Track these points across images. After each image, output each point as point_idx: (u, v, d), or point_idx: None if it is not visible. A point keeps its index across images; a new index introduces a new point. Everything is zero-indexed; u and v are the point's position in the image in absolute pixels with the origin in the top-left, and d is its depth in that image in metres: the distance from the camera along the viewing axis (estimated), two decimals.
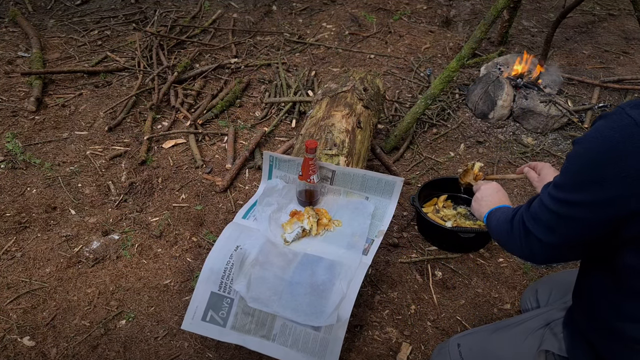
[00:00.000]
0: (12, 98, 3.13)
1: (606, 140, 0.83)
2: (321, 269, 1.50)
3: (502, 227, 1.15)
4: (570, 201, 0.91)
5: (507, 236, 1.12)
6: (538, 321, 1.25)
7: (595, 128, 0.87)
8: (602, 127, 0.85)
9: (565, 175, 0.93)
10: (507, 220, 1.13)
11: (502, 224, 1.16)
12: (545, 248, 1.00)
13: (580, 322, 1.10)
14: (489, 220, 1.28)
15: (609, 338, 1.01)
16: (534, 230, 1.01)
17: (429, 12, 4.37)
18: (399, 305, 1.95)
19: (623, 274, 0.94)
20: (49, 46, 3.73)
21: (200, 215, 2.34)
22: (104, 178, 2.53)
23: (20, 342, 1.79)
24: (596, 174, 0.85)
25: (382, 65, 3.61)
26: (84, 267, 2.08)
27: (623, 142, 0.81)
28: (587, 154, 0.87)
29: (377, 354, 1.77)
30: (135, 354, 1.76)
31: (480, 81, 3.08)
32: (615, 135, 0.82)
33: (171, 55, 3.60)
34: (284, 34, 3.96)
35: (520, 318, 1.32)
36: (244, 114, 3.08)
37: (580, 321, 1.10)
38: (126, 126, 2.92)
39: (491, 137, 2.92)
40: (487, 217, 1.30)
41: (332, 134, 1.95)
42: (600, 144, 0.84)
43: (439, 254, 2.18)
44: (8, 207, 2.35)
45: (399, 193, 1.75)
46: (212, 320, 1.50)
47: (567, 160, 0.93)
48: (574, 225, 0.93)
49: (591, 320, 1.05)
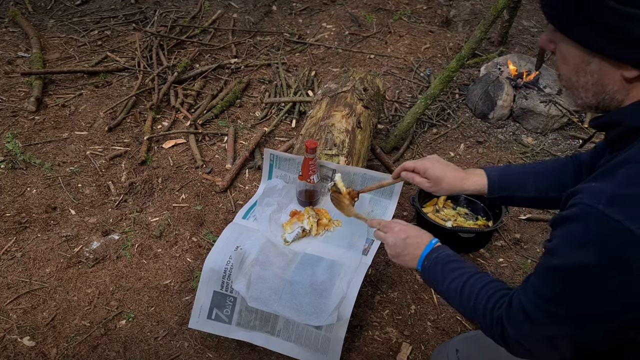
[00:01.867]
0: (12, 98, 3.13)
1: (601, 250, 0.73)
2: (321, 269, 1.50)
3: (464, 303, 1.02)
4: (563, 316, 0.81)
5: (472, 316, 1.00)
6: None
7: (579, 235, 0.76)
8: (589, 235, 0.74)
9: (552, 286, 0.82)
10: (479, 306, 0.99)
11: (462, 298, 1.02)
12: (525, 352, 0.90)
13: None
14: (425, 275, 1.14)
15: None
16: (519, 338, 0.89)
17: (429, 12, 4.37)
18: (399, 305, 1.95)
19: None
20: (49, 46, 3.73)
21: (200, 215, 2.34)
22: (104, 178, 2.54)
23: (20, 342, 1.79)
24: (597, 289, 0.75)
25: (382, 65, 3.61)
26: (84, 267, 2.08)
27: (622, 250, 0.71)
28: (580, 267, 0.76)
29: (377, 354, 1.77)
30: (135, 354, 1.76)
31: (480, 81, 3.08)
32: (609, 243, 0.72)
33: (171, 55, 3.60)
34: (284, 34, 3.96)
35: None
36: (244, 114, 3.08)
37: None
38: (126, 126, 2.92)
39: (491, 137, 2.92)
40: (422, 270, 1.15)
41: (332, 134, 1.95)
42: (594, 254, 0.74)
43: None
44: (8, 207, 2.35)
45: (399, 193, 1.75)
46: (217, 318, 1.52)
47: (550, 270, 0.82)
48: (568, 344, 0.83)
49: None
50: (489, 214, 2.23)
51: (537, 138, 2.90)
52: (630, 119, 0.81)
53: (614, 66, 0.78)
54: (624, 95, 0.81)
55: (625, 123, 0.81)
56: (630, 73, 0.77)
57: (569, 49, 0.82)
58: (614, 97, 0.83)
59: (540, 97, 2.93)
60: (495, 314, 0.94)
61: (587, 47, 0.79)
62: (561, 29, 0.82)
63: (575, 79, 0.84)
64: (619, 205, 0.72)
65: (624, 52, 0.76)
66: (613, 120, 0.84)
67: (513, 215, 2.39)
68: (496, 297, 0.97)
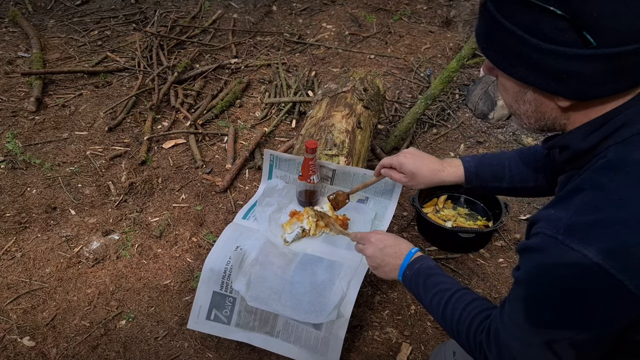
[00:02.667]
0: (12, 98, 3.13)
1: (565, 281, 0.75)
2: (321, 269, 1.50)
3: (447, 322, 1.03)
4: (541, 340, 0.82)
5: (455, 337, 1.01)
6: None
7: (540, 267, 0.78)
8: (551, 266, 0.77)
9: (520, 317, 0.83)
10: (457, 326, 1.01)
11: (444, 317, 1.04)
12: None
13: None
14: (407, 285, 1.14)
15: None
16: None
17: (429, 12, 4.37)
18: (399, 306, 1.95)
19: None
20: (49, 46, 3.73)
21: (200, 215, 2.34)
22: (104, 178, 2.54)
23: (20, 342, 1.79)
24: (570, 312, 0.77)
25: (382, 65, 3.62)
26: (84, 267, 2.08)
27: (585, 281, 0.73)
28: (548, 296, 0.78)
29: (377, 354, 1.77)
30: (135, 354, 1.76)
31: (480, 81, 3.08)
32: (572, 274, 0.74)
33: (171, 55, 3.60)
34: (284, 34, 3.96)
35: None
36: (244, 114, 3.08)
37: None
38: (126, 126, 2.92)
39: (491, 137, 2.92)
40: (403, 281, 1.15)
41: (332, 134, 1.95)
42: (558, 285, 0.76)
43: (439, 254, 2.18)
44: (8, 207, 2.35)
45: (399, 193, 1.75)
46: (216, 318, 1.52)
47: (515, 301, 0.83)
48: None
49: None
50: (489, 214, 2.23)
51: (537, 138, 2.90)
52: (577, 144, 0.84)
53: (547, 97, 0.82)
54: (565, 120, 0.85)
55: (572, 147, 0.85)
56: (563, 103, 0.80)
57: (506, 81, 0.86)
58: (556, 122, 0.86)
59: None
60: (478, 338, 0.95)
61: (521, 81, 0.82)
62: (497, 65, 0.84)
63: (516, 106, 0.88)
64: (576, 235, 0.74)
65: (554, 86, 0.78)
66: (562, 145, 0.88)
67: (513, 215, 2.39)
68: (479, 319, 0.98)
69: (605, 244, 0.72)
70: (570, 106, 0.81)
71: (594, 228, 0.74)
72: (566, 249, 0.74)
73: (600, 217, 0.74)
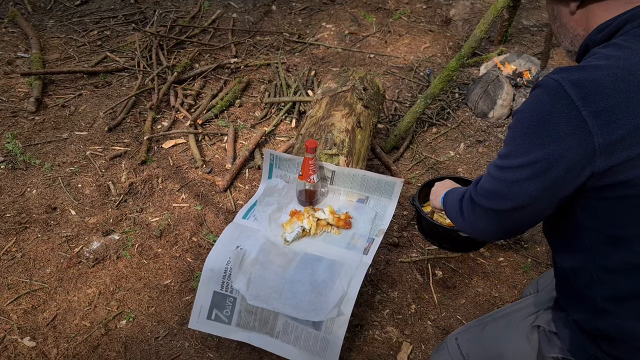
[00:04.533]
0: (11, 98, 3.13)
1: (539, 103, 0.89)
2: (321, 268, 1.50)
3: (454, 207, 1.16)
4: (516, 166, 0.93)
5: (458, 216, 1.13)
6: (532, 307, 1.25)
7: (529, 97, 0.93)
8: (534, 94, 0.91)
9: (508, 144, 0.96)
10: (457, 199, 1.15)
11: (453, 204, 1.17)
12: (495, 217, 1.02)
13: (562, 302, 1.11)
14: (444, 205, 1.29)
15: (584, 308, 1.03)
16: (483, 202, 1.03)
17: (429, 11, 4.37)
18: (400, 305, 1.95)
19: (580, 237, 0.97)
20: (48, 46, 3.73)
21: (200, 215, 2.34)
22: (104, 178, 2.54)
23: (20, 342, 1.79)
24: (537, 135, 0.89)
25: (382, 64, 3.61)
26: (84, 267, 2.08)
27: (551, 103, 0.87)
28: (526, 119, 0.91)
29: (378, 354, 1.77)
30: (135, 354, 1.76)
31: (480, 80, 3.08)
32: (545, 97, 0.88)
33: (171, 55, 3.60)
34: (283, 34, 3.96)
35: (515, 306, 1.32)
36: (244, 114, 3.08)
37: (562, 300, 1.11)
38: (126, 126, 2.92)
39: (491, 136, 2.92)
40: (443, 201, 1.30)
41: (332, 134, 1.94)
42: (535, 107, 0.90)
43: (439, 253, 2.18)
44: (8, 207, 2.35)
45: (399, 193, 1.74)
46: (217, 318, 1.52)
47: (508, 130, 0.97)
48: (524, 187, 0.94)
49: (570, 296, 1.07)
50: None
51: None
52: (592, 37, 0.97)
53: (563, 5, 0.99)
54: (583, 30, 0.99)
55: (590, 43, 0.97)
56: (572, 7, 0.97)
57: (547, 4, 1.06)
58: (576, 34, 1.01)
59: None
60: (465, 196, 1.10)
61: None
62: None
63: (552, 27, 1.07)
64: (562, 71, 0.89)
65: None
66: (583, 47, 1.00)
67: None
68: (464, 190, 1.15)
69: (576, 76, 0.86)
70: (578, 12, 0.96)
71: (576, 69, 0.88)
72: (548, 79, 0.89)
73: (585, 64, 0.89)
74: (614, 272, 0.94)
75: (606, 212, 0.91)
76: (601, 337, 1.00)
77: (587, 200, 0.92)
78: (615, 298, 0.96)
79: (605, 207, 0.91)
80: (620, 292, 0.95)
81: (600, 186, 0.88)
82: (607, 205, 0.90)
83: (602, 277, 0.96)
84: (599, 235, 0.94)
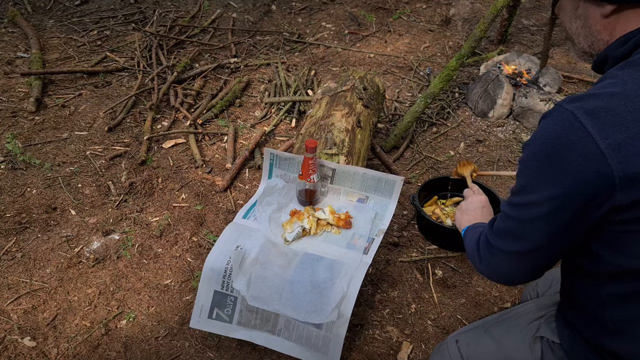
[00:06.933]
0: (11, 99, 3.13)
1: (553, 134, 0.84)
2: (321, 268, 1.50)
3: (471, 250, 1.10)
4: (530, 202, 0.89)
5: (476, 259, 1.07)
6: (534, 312, 1.25)
7: (539, 128, 0.88)
8: (546, 125, 0.86)
9: (520, 179, 0.92)
10: (474, 242, 1.08)
11: (471, 246, 1.11)
12: (514, 260, 0.96)
13: (568, 315, 1.10)
14: (464, 238, 1.23)
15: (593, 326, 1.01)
16: (499, 244, 0.97)
17: (429, 11, 4.37)
18: (400, 304, 1.95)
19: (591, 265, 0.94)
20: (48, 46, 3.73)
21: (200, 215, 2.34)
22: (104, 178, 2.53)
23: (21, 342, 1.79)
24: (551, 169, 0.84)
25: (382, 64, 3.61)
26: (84, 267, 2.08)
27: (566, 134, 0.82)
28: (539, 152, 0.86)
29: (378, 353, 1.78)
30: (136, 354, 1.76)
31: (480, 80, 3.08)
32: (558, 128, 0.83)
33: (171, 55, 3.60)
34: (283, 34, 3.96)
35: (517, 310, 1.32)
36: (244, 114, 3.08)
37: (568, 314, 1.10)
38: (126, 126, 2.92)
39: (491, 136, 2.92)
40: (464, 234, 1.24)
41: (332, 133, 1.94)
42: (547, 140, 0.84)
43: (439, 252, 2.18)
44: (8, 207, 2.35)
45: (399, 192, 1.75)
46: (218, 317, 1.52)
47: (519, 164, 0.92)
48: (540, 226, 0.89)
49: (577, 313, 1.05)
50: None
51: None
52: (611, 51, 0.91)
53: (594, 4, 0.91)
54: (608, 35, 0.92)
55: (610, 57, 0.92)
56: (606, 9, 0.89)
57: (564, 1, 0.98)
58: (600, 38, 0.93)
59: (540, 95, 2.93)
60: (481, 239, 1.05)
61: None
62: None
63: (569, 26, 0.98)
64: (574, 100, 0.84)
65: None
66: (601, 58, 0.95)
67: None
68: (479, 231, 1.10)
69: (591, 105, 0.81)
70: (612, 16, 0.89)
71: (589, 96, 0.83)
72: (560, 109, 0.84)
73: (600, 91, 0.84)
74: (625, 297, 0.92)
75: (621, 243, 0.87)
76: (609, 355, 0.98)
77: (601, 231, 0.88)
78: (625, 320, 0.94)
79: (621, 238, 0.87)
80: (631, 315, 0.93)
81: (617, 220, 0.84)
82: (622, 237, 0.87)
83: (613, 301, 0.94)
84: (612, 265, 0.90)
